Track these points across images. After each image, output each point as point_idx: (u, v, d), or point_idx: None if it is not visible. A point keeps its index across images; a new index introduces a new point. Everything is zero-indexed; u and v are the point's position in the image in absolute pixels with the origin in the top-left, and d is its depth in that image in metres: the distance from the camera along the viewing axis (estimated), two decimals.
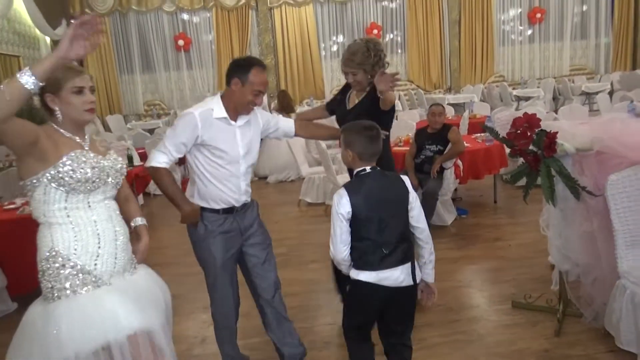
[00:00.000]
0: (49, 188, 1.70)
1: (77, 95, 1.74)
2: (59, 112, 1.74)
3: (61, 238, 1.71)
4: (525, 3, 12.44)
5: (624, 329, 2.50)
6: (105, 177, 1.81)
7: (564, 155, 2.76)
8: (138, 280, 1.89)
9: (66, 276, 1.69)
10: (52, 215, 1.72)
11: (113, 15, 11.63)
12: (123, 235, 1.86)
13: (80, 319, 1.64)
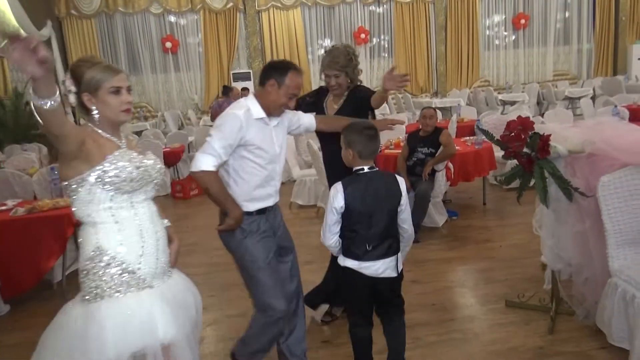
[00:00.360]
0: (94, 188, 1.69)
1: (114, 95, 1.73)
2: (96, 112, 1.73)
3: (106, 237, 1.71)
4: (510, 9, 12.65)
5: (616, 326, 2.58)
6: (147, 177, 1.81)
7: (556, 157, 2.83)
8: (174, 285, 1.87)
9: (112, 276, 1.69)
10: (97, 215, 1.71)
11: (99, 17, 11.54)
12: (163, 237, 1.86)
13: (123, 321, 1.64)
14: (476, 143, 5.32)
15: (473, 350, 2.77)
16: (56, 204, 3.84)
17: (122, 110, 1.75)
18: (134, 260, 1.73)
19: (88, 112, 1.75)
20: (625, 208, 2.67)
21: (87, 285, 1.70)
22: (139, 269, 1.74)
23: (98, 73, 1.69)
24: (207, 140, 2.26)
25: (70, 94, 1.73)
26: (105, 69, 1.72)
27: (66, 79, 1.73)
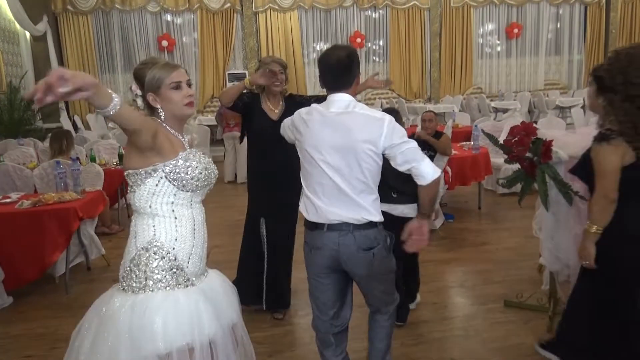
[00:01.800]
0: (162, 181, 1.72)
1: (175, 90, 1.75)
2: (161, 110, 1.77)
3: (164, 231, 1.73)
4: (504, 18, 12.85)
5: None
6: (210, 179, 1.85)
7: (557, 162, 2.93)
8: (212, 282, 1.89)
9: (164, 269, 1.71)
10: (159, 207, 1.73)
11: (96, 13, 11.50)
12: (207, 239, 1.88)
13: (174, 314, 1.65)
14: (473, 148, 5.44)
15: (474, 347, 2.86)
16: (61, 197, 3.87)
17: (185, 104, 1.77)
18: (184, 258, 1.75)
19: (153, 112, 1.79)
20: None
21: (135, 275, 1.71)
22: (187, 267, 1.76)
23: (157, 71, 1.74)
24: (410, 148, 2.05)
25: (138, 98, 1.78)
26: (163, 67, 1.76)
27: (132, 84, 1.79)
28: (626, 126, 2.05)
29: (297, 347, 3.02)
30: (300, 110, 2.24)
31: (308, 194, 2.15)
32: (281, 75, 3.18)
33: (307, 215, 2.16)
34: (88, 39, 11.40)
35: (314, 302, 2.29)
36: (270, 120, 3.18)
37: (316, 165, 2.09)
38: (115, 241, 5.26)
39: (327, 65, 2.16)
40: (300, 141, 2.18)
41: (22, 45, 9.81)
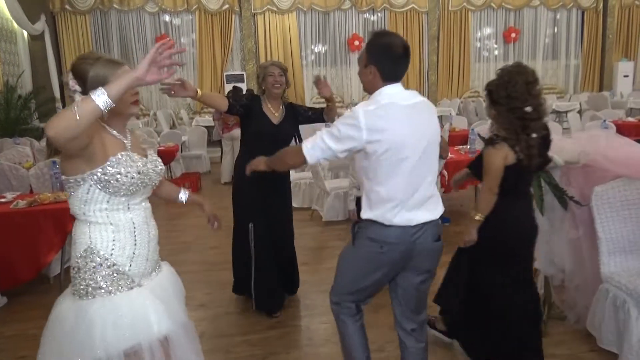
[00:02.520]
0: (93, 188, 1.67)
1: None
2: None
3: (100, 237, 1.70)
4: (501, 23, 12.90)
5: (606, 330, 2.70)
6: (148, 181, 1.79)
7: (553, 167, 2.94)
8: (164, 279, 1.89)
9: (103, 276, 1.68)
10: (92, 214, 1.70)
11: (94, 13, 11.49)
12: (155, 237, 1.86)
13: (114, 319, 1.63)
14: (470, 152, 5.45)
15: None
16: (57, 197, 3.86)
17: (131, 102, 1.73)
18: (125, 262, 1.72)
19: None
20: (617, 217, 2.80)
21: (78, 282, 1.69)
22: (129, 270, 1.73)
23: (102, 68, 1.67)
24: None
25: (76, 94, 1.67)
26: (107, 63, 1.69)
27: (69, 79, 1.68)
28: (509, 133, 2.39)
29: (292, 349, 3.02)
30: (360, 111, 1.92)
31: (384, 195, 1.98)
32: (281, 77, 3.20)
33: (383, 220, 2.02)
34: (86, 39, 11.38)
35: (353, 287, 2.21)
36: (271, 124, 3.20)
37: (402, 161, 1.94)
38: None
39: (396, 54, 1.99)
40: (379, 141, 1.91)
41: (19, 44, 9.79)
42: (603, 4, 12.85)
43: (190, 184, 7.41)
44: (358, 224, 2.13)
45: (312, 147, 1.99)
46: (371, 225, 2.04)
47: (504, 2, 12.58)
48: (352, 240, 2.15)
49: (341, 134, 1.93)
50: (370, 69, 2.00)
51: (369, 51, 2.02)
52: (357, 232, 2.13)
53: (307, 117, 3.39)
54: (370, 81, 2.03)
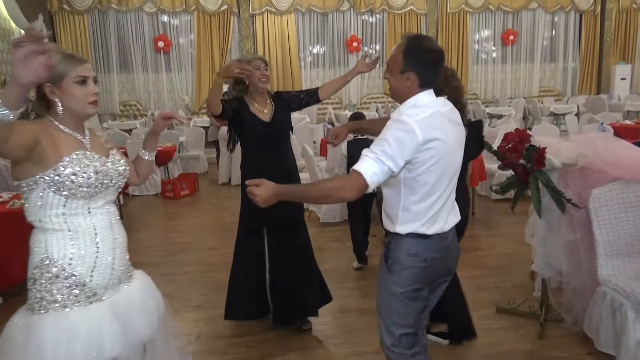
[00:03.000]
0: (46, 192, 1.54)
1: (80, 85, 1.58)
2: (59, 105, 1.57)
3: (57, 246, 1.57)
4: (499, 25, 12.92)
5: (603, 332, 2.70)
6: (108, 181, 1.66)
7: (551, 169, 2.94)
8: (132, 292, 1.76)
9: (59, 288, 1.56)
10: (49, 220, 1.57)
11: (92, 13, 11.46)
12: (121, 243, 1.73)
13: (67, 337, 1.52)
14: None
15: (466, 353, 2.86)
16: None
17: (89, 102, 1.61)
18: (85, 272, 1.60)
19: (50, 105, 1.60)
20: (614, 220, 2.80)
21: (33, 295, 1.57)
22: (91, 280, 1.61)
23: (62, 62, 1.54)
24: None
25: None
26: (68, 58, 1.58)
27: None
28: None
29: (289, 351, 3.00)
30: (411, 121, 1.78)
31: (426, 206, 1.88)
32: (266, 71, 2.99)
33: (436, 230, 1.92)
34: (84, 39, 11.36)
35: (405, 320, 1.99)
36: (263, 122, 2.99)
37: (446, 169, 1.88)
38: None
39: (435, 59, 1.91)
40: (431, 151, 1.80)
41: None
42: (601, 7, 12.89)
43: (187, 185, 7.40)
44: (389, 244, 1.97)
45: (373, 173, 1.73)
46: (408, 240, 1.91)
47: (502, 5, 12.61)
48: (386, 265, 1.97)
49: (398, 149, 1.75)
50: (409, 75, 1.87)
51: (407, 56, 1.88)
52: (390, 251, 1.96)
53: (300, 102, 3.13)
54: (407, 88, 1.90)
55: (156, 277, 4.45)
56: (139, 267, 4.70)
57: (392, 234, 1.95)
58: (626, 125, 8.16)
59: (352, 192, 1.75)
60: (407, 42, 1.90)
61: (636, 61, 13.26)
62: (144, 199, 7.33)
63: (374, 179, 1.73)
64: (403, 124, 1.77)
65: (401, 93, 1.93)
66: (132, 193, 7.37)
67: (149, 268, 4.56)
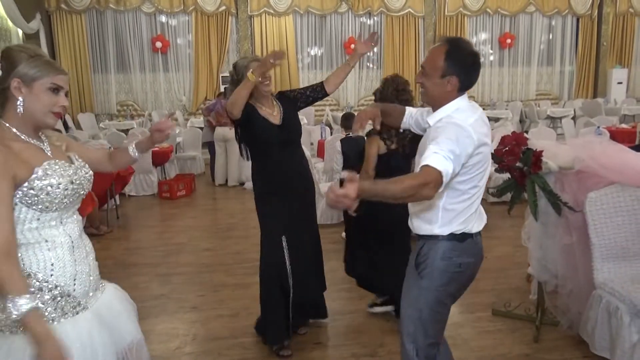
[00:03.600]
0: (18, 207, 1.45)
1: (51, 92, 1.50)
2: (20, 104, 1.47)
3: (35, 259, 1.48)
4: (497, 28, 12.96)
5: (599, 336, 2.70)
6: (81, 190, 1.60)
7: (547, 173, 2.95)
8: (109, 298, 1.71)
9: (45, 301, 1.48)
10: (22, 236, 1.48)
11: (90, 13, 11.43)
12: (92, 251, 1.69)
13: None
14: None
15: (463, 356, 2.86)
16: None
17: (53, 112, 1.51)
18: (68, 282, 1.54)
19: (6, 102, 1.49)
20: (610, 224, 2.81)
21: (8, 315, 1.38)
22: (74, 291, 1.55)
23: (41, 65, 1.48)
24: None
25: None
26: (49, 64, 1.51)
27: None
28: (383, 128, 2.72)
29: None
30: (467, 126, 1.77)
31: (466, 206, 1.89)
32: (267, 72, 2.84)
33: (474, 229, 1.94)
34: (81, 38, 11.33)
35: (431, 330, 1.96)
36: (274, 126, 2.85)
37: (486, 171, 1.91)
38: (103, 242, 5.22)
39: (477, 63, 1.90)
40: (480, 155, 1.82)
41: (14, 43, 9.73)
42: (598, 11, 12.94)
43: (184, 185, 7.38)
44: (421, 249, 1.92)
45: (446, 172, 1.65)
46: (444, 243, 1.88)
47: (499, 8, 12.64)
48: (416, 272, 1.91)
49: (461, 151, 1.70)
50: (450, 79, 1.82)
51: (450, 60, 1.82)
52: (422, 257, 1.90)
53: (307, 99, 3.03)
54: (447, 93, 1.85)
55: (152, 277, 4.49)
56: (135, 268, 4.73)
57: (426, 237, 1.92)
58: (622, 129, 8.20)
59: (433, 190, 1.63)
60: (449, 45, 1.84)
61: (632, 65, 13.32)
62: (140, 199, 7.31)
63: (446, 180, 1.65)
64: (461, 128, 1.74)
65: (439, 98, 1.88)
66: (129, 193, 7.35)
67: (145, 268, 4.60)
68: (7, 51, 1.50)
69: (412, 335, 1.94)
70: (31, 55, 1.49)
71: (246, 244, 4.89)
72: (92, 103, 11.65)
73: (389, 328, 3.21)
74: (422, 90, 1.92)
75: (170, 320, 3.45)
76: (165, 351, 3.04)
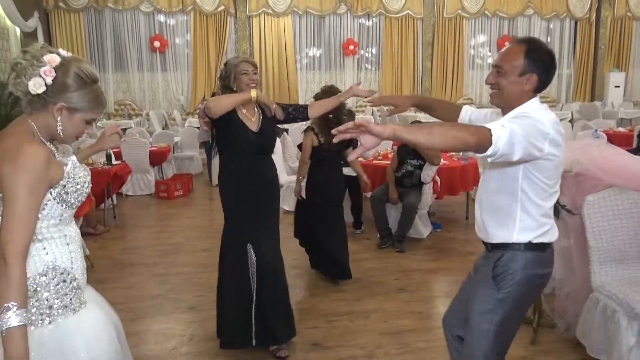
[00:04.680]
0: (51, 204, 1.52)
1: (86, 124, 1.58)
2: (60, 125, 1.51)
3: (59, 252, 1.57)
4: (495, 31, 12.99)
5: (595, 338, 2.70)
6: (88, 190, 1.67)
7: None
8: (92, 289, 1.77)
9: (66, 293, 1.57)
10: (47, 231, 1.55)
11: (88, 11, 11.41)
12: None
13: (93, 332, 1.58)
14: (462, 158, 5.46)
15: None
16: None
17: (77, 137, 1.62)
18: (80, 276, 1.63)
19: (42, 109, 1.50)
20: (608, 227, 2.81)
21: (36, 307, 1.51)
22: (83, 283, 1.65)
23: (91, 100, 1.52)
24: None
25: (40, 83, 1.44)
26: (97, 100, 1.55)
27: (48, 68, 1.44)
28: (318, 127, 3.86)
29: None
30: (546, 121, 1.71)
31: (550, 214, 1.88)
32: (255, 75, 2.80)
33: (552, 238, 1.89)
34: (79, 37, 11.30)
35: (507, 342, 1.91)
36: (250, 132, 2.78)
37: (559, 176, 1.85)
38: (100, 242, 5.21)
39: (555, 61, 1.85)
40: (556, 157, 1.76)
41: (11, 41, 9.68)
42: (596, 15, 12.98)
43: (181, 185, 7.37)
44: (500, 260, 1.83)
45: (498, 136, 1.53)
46: (527, 253, 1.81)
47: (498, 11, 12.67)
48: (493, 283, 1.83)
49: (531, 141, 1.62)
50: (530, 77, 1.78)
51: (530, 58, 1.78)
52: (500, 268, 1.82)
53: (287, 115, 2.93)
54: (524, 92, 1.80)
55: (149, 277, 4.48)
56: (132, 267, 4.71)
57: (504, 246, 1.84)
58: (619, 132, 8.22)
59: (476, 142, 1.52)
60: (527, 44, 1.81)
61: (630, 69, 13.36)
62: (137, 199, 7.29)
63: (498, 144, 1.52)
64: (534, 119, 1.68)
65: (516, 98, 1.81)
66: (126, 193, 7.33)
67: (142, 268, 4.58)
68: (65, 67, 1.48)
69: (484, 348, 1.85)
70: (86, 82, 1.51)
71: None
72: None
73: (387, 330, 3.21)
74: (494, 91, 1.86)
75: (167, 321, 3.43)
76: (162, 351, 3.03)
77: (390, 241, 4.79)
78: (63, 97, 1.48)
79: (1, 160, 1.40)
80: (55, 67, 1.45)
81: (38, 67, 1.44)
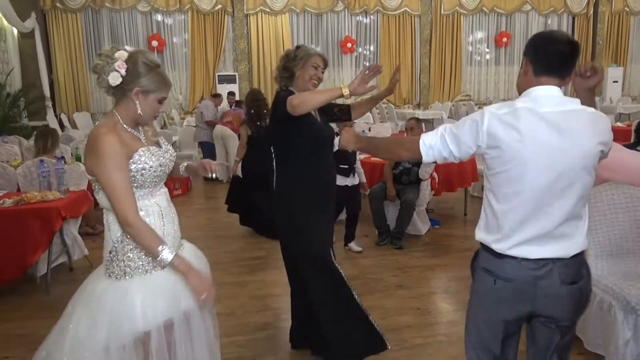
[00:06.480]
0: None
1: (159, 104, 1.82)
2: (139, 107, 1.77)
3: None
4: (493, 27, 13.00)
5: (592, 333, 2.71)
6: (167, 170, 1.91)
7: None
8: (187, 255, 1.91)
9: (139, 256, 1.80)
10: None
11: (85, 12, 11.42)
12: (177, 216, 1.98)
13: (152, 296, 1.76)
14: None
15: (458, 353, 2.86)
16: (44, 196, 3.81)
17: (155, 116, 1.87)
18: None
19: (123, 98, 1.78)
20: (604, 221, 2.81)
21: (116, 264, 1.81)
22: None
23: (158, 81, 1.77)
24: None
25: (117, 76, 1.71)
26: (164, 81, 1.81)
27: (118, 61, 1.70)
28: (248, 121, 5.11)
29: (279, 352, 3.00)
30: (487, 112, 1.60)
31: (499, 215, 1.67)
32: (322, 74, 2.58)
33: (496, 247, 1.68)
34: (77, 37, 11.31)
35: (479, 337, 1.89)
36: (320, 124, 2.61)
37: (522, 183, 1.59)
38: (98, 242, 5.16)
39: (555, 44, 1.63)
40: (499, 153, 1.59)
41: (9, 42, 9.70)
42: (593, 10, 13.00)
43: (180, 184, 7.37)
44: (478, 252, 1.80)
45: (429, 145, 1.67)
46: (484, 252, 1.72)
47: (495, 7, 12.68)
48: (471, 273, 1.86)
49: (460, 134, 1.61)
50: (524, 64, 1.69)
51: (526, 46, 1.71)
52: (476, 260, 1.81)
53: (332, 116, 2.80)
54: (524, 80, 1.69)
55: None
56: None
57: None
58: (618, 127, 8.22)
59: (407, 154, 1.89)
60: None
61: (628, 64, 13.38)
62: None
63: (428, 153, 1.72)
64: (480, 112, 1.66)
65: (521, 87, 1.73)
66: None
67: None
68: (134, 58, 1.74)
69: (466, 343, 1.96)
70: (152, 67, 1.76)
71: (242, 243, 4.89)
72: (88, 102, 11.63)
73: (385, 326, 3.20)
74: None
75: None
76: None
77: (389, 238, 4.80)
78: (137, 83, 1.74)
79: (87, 153, 1.75)
80: (126, 59, 1.72)
81: (112, 63, 1.71)
